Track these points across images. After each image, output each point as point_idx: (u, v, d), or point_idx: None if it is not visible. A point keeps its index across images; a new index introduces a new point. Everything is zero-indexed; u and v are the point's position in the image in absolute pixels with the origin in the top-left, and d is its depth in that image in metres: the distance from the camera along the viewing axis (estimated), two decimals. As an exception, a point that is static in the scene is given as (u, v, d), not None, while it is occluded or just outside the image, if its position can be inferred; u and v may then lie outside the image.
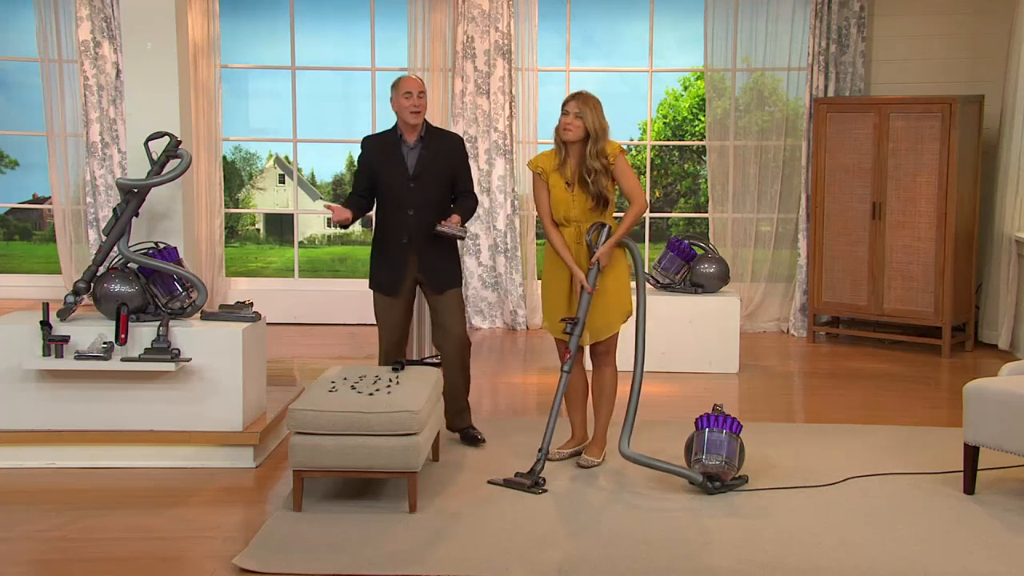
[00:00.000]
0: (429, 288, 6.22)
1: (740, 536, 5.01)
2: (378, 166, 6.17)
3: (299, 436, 5.25)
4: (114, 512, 5.27)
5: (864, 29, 9.54)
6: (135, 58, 6.42)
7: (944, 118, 8.68)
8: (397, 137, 6.17)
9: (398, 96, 6.09)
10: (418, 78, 6.20)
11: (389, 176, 6.14)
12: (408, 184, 6.11)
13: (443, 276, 6.22)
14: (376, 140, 6.29)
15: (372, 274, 6.31)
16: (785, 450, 6.26)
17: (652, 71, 10.47)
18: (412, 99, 6.06)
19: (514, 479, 5.62)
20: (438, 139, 6.24)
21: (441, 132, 6.34)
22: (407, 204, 6.11)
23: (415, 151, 6.14)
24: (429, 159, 6.14)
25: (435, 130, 6.27)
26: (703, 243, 8.51)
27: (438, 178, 6.17)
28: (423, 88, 6.11)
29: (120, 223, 6.05)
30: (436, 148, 6.18)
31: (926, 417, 7.14)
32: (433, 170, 6.14)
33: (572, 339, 5.84)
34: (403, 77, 6.17)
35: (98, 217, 10.06)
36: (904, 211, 8.94)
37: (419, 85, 6.09)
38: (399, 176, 6.12)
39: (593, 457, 6.00)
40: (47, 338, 5.83)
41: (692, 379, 8.09)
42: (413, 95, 6.05)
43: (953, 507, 5.40)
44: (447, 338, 6.23)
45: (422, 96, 6.07)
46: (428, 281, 6.20)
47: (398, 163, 6.12)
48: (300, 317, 10.11)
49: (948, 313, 8.84)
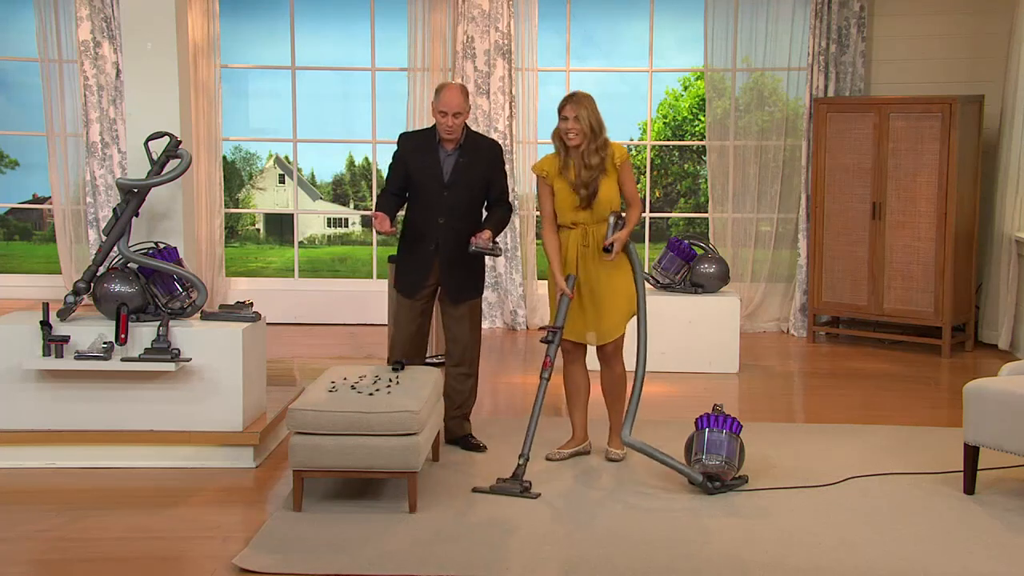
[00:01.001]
0: (446, 296, 6.14)
1: (740, 536, 5.00)
2: (413, 167, 6.03)
3: (299, 436, 5.24)
4: (114, 512, 5.26)
5: (864, 29, 9.54)
6: (135, 58, 6.41)
7: (944, 118, 8.68)
8: (436, 141, 6.01)
9: (436, 109, 5.91)
10: (459, 91, 5.92)
11: (423, 180, 6.01)
12: (442, 192, 5.99)
13: (463, 286, 6.14)
14: (413, 139, 6.16)
15: (396, 273, 6.27)
16: (785, 450, 6.26)
17: (652, 71, 10.47)
18: (447, 118, 5.87)
19: (499, 485, 5.56)
20: (476, 146, 6.08)
21: (480, 139, 6.17)
22: (438, 211, 6.00)
23: (452, 157, 6.00)
24: (465, 167, 6.00)
25: (474, 136, 6.11)
26: (703, 243, 8.51)
27: (472, 186, 6.04)
28: (461, 108, 5.88)
29: (120, 223, 6.04)
30: (473, 156, 6.03)
31: (926, 417, 7.13)
32: (468, 178, 6.01)
33: (551, 347, 5.85)
34: (445, 87, 5.95)
35: (98, 217, 10.05)
36: (904, 211, 8.94)
37: (456, 105, 5.86)
38: (433, 182, 5.99)
39: (618, 450, 6.04)
40: (47, 338, 5.82)
41: (692, 379, 8.09)
42: (448, 115, 5.86)
43: (953, 507, 5.39)
44: (455, 346, 6.20)
45: (458, 116, 5.87)
46: (447, 289, 6.12)
47: (434, 168, 5.99)
48: (300, 317, 10.11)
49: (948, 313, 8.84)
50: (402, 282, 6.19)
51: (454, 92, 5.91)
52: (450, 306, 6.16)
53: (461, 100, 5.90)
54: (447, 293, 6.13)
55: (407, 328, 6.19)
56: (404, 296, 6.17)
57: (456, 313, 6.16)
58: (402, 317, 6.21)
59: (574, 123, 5.77)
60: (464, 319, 6.17)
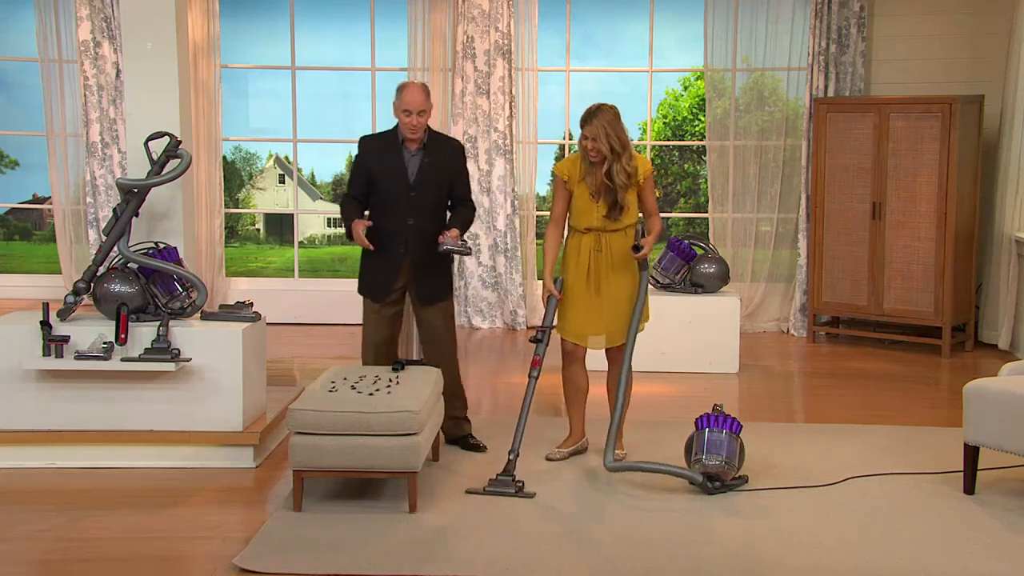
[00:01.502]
0: (416, 299, 6.09)
1: (740, 536, 5.00)
2: (377, 170, 5.98)
3: (299, 436, 5.24)
4: (114, 512, 5.26)
5: (864, 29, 9.54)
6: (135, 58, 6.41)
7: (944, 118, 8.67)
8: (399, 142, 5.97)
9: (398, 108, 5.88)
10: (421, 90, 5.89)
11: (388, 182, 5.95)
12: (409, 192, 5.94)
13: (432, 289, 6.09)
14: (376, 141, 6.09)
15: (362, 278, 6.17)
16: (785, 450, 6.25)
17: (652, 71, 10.46)
18: (411, 117, 5.84)
19: (493, 486, 5.53)
20: (440, 145, 6.05)
21: (442, 139, 6.14)
22: (406, 212, 5.94)
23: (417, 157, 5.96)
24: (430, 167, 5.96)
25: (436, 136, 6.08)
26: (703, 243, 8.52)
27: (438, 186, 6.01)
28: (424, 106, 5.85)
29: (120, 223, 6.04)
30: (437, 155, 6.00)
31: (926, 417, 7.13)
32: (434, 178, 5.98)
33: (540, 346, 5.86)
34: (406, 86, 5.93)
35: (98, 217, 10.05)
36: (904, 211, 8.93)
37: (419, 103, 5.83)
38: (399, 183, 5.94)
39: (620, 450, 6.03)
40: (47, 338, 5.82)
41: (692, 379, 8.09)
42: (412, 114, 5.83)
43: (953, 507, 5.39)
44: (431, 348, 6.15)
45: (422, 115, 5.84)
46: (416, 292, 6.07)
47: (398, 169, 5.95)
48: (300, 317, 10.10)
49: (948, 313, 8.83)
50: (370, 286, 6.11)
51: (416, 91, 5.87)
52: (422, 309, 6.10)
53: (423, 98, 5.86)
54: (418, 296, 6.07)
55: (379, 333, 6.13)
56: (372, 300, 6.09)
57: (428, 315, 6.10)
58: (371, 323, 6.13)
59: (592, 143, 5.77)
60: (438, 321, 6.12)
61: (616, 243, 5.90)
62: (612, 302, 5.93)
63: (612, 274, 5.91)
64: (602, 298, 5.93)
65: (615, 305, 5.93)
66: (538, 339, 5.87)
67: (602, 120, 5.72)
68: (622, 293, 5.94)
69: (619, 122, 5.78)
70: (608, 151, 5.74)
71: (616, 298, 5.93)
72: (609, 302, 5.93)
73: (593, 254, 5.91)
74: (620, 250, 5.91)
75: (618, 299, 5.93)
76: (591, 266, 5.92)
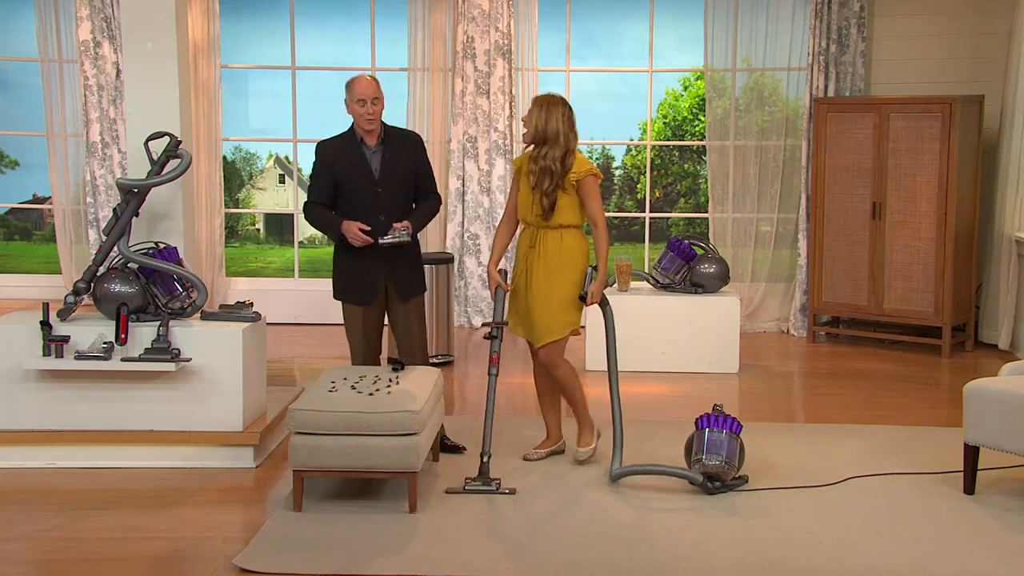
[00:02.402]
0: (397, 294, 6.01)
1: (740, 536, 5.00)
2: (340, 171, 5.87)
3: (299, 436, 5.24)
4: (114, 512, 5.27)
5: (864, 29, 9.53)
6: (135, 58, 6.42)
7: (944, 118, 8.66)
8: (357, 141, 5.90)
9: (351, 102, 5.80)
10: (372, 79, 5.83)
11: (353, 181, 5.86)
12: (375, 188, 5.85)
13: (411, 282, 6.05)
14: (334, 144, 5.97)
15: (340, 284, 6.03)
16: (785, 450, 6.25)
17: (652, 71, 10.46)
18: (366, 106, 5.77)
19: (472, 487, 5.49)
20: (398, 139, 5.98)
21: (400, 132, 6.07)
22: (376, 209, 5.84)
23: (378, 154, 5.88)
24: (393, 160, 5.89)
25: (394, 130, 6.00)
26: (703, 243, 8.50)
27: (403, 179, 5.93)
28: (377, 93, 5.79)
29: (120, 223, 6.04)
30: (398, 149, 5.93)
31: (926, 417, 7.13)
32: (398, 171, 5.90)
33: (495, 342, 5.78)
34: (355, 79, 5.83)
35: (98, 217, 10.04)
36: (904, 211, 8.92)
37: (372, 90, 5.77)
38: (365, 181, 5.86)
39: (585, 447, 5.98)
40: (47, 338, 5.82)
41: (692, 379, 8.08)
42: (367, 102, 5.76)
43: (953, 507, 5.39)
44: (407, 343, 6.08)
45: (376, 102, 5.78)
46: (397, 288, 5.99)
47: (362, 167, 5.86)
48: (300, 317, 10.09)
49: (948, 313, 8.82)
50: (354, 291, 5.99)
51: (366, 80, 5.83)
52: (400, 304, 6.03)
53: (375, 86, 5.81)
54: (397, 291, 5.99)
55: (370, 335, 6.06)
56: (360, 304, 5.99)
57: (408, 311, 6.05)
58: (359, 326, 6.03)
59: (525, 123, 5.78)
60: (413, 315, 6.07)
61: (550, 243, 5.80)
62: (536, 299, 5.82)
63: (543, 275, 5.82)
64: (528, 297, 5.85)
65: (538, 302, 5.81)
66: (492, 335, 5.80)
67: (539, 105, 5.73)
68: (550, 297, 5.81)
69: (558, 113, 5.70)
70: (535, 133, 5.70)
71: (541, 296, 5.81)
72: (533, 298, 5.83)
73: (527, 249, 5.86)
74: (554, 251, 5.81)
75: (543, 303, 5.81)
76: (526, 262, 5.87)
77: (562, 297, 5.82)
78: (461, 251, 9.98)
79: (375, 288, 5.95)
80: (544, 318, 5.82)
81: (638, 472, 5.65)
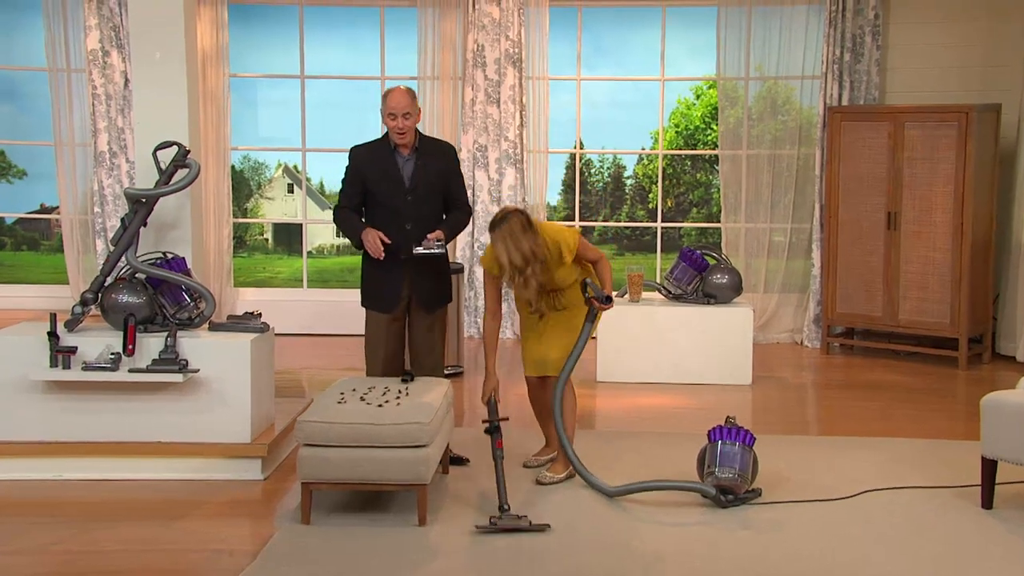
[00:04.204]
0: (420, 306, 6.02)
1: (754, 551, 4.97)
2: (371, 178, 5.92)
3: (308, 448, 5.23)
4: (120, 525, 5.26)
5: (879, 37, 9.48)
6: (143, 67, 6.43)
7: (960, 127, 8.61)
8: (391, 148, 5.93)
9: (384, 114, 5.86)
10: (405, 92, 5.86)
11: (384, 188, 5.90)
12: (406, 197, 5.88)
13: (437, 293, 6.07)
14: (367, 150, 6.02)
15: (365, 290, 6.09)
16: (799, 463, 6.21)
17: (664, 80, 10.44)
18: (397, 120, 5.81)
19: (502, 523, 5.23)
20: (432, 149, 6.02)
21: (434, 142, 6.12)
22: (405, 217, 5.88)
23: (410, 162, 5.91)
24: (424, 170, 5.92)
25: (428, 140, 6.06)
26: (715, 253, 8.47)
27: (434, 189, 5.95)
28: (408, 108, 5.82)
29: (128, 233, 6.04)
30: (430, 158, 5.96)
31: (942, 430, 7.08)
32: (429, 181, 5.92)
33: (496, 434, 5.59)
34: (391, 92, 5.88)
35: (106, 227, 10.03)
36: (920, 221, 8.87)
37: (404, 105, 5.81)
38: (395, 188, 5.89)
39: (554, 475, 5.90)
40: (54, 349, 5.82)
41: (704, 391, 8.05)
42: (398, 116, 5.80)
43: (971, 522, 5.35)
44: (427, 358, 6.09)
45: (407, 117, 5.81)
46: (421, 298, 6.00)
47: (394, 174, 5.89)
48: (309, 328, 10.05)
49: (965, 324, 8.76)
50: (377, 298, 6.02)
51: (400, 93, 5.85)
52: (424, 315, 6.04)
53: (408, 100, 5.83)
54: (421, 302, 6.00)
55: (390, 345, 6.07)
56: (383, 312, 6.01)
57: (428, 322, 6.06)
58: (381, 335, 6.04)
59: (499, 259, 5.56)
60: (435, 328, 6.09)
61: (562, 299, 5.84)
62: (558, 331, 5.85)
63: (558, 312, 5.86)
64: (546, 323, 5.87)
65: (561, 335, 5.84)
66: (494, 429, 5.61)
67: (503, 234, 5.51)
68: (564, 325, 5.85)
69: (525, 232, 5.50)
70: (509, 267, 5.52)
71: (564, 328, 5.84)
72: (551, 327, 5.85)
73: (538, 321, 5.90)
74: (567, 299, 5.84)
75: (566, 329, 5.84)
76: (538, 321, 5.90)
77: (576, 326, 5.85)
78: (471, 261, 9.94)
79: (397, 297, 5.97)
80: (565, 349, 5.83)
81: (642, 489, 5.62)
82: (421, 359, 6.10)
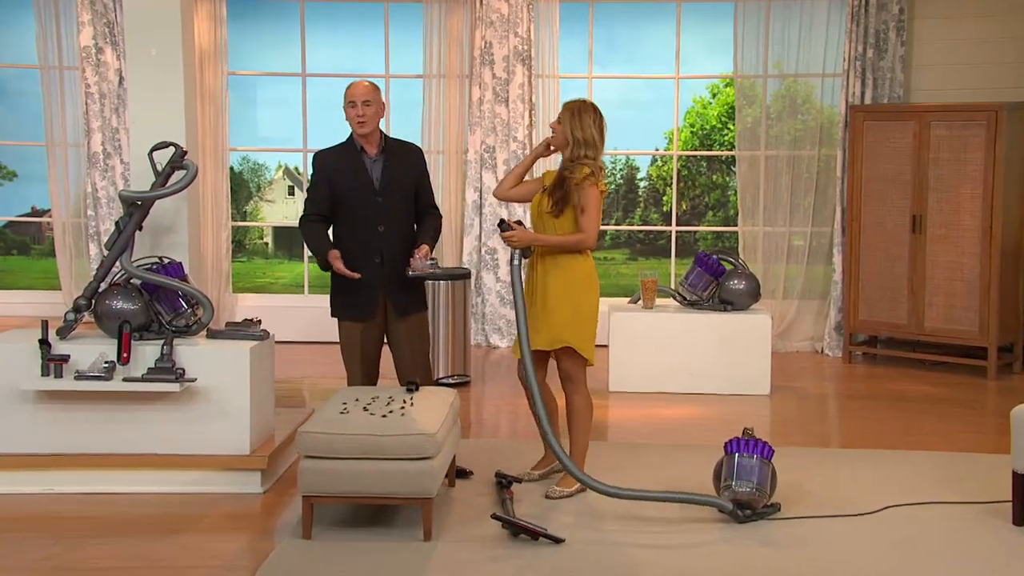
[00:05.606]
0: (395, 311, 5.97)
1: (773, 567, 4.88)
2: (339, 180, 5.90)
3: (309, 460, 5.16)
4: (115, 540, 5.20)
5: (903, 33, 9.46)
6: (139, 65, 6.42)
7: (989, 126, 8.58)
8: (357, 149, 5.93)
9: (345, 106, 5.87)
10: (366, 84, 5.90)
11: (353, 191, 5.88)
12: (376, 198, 5.87)
13: (411, 297, 6.02)
14: (333, 154, 6.00)
15: (338, 300, 6.03)
16: (819, 477, 6.13)
17: (679, 77, 10.45)
18: (356, 108, 5.82)
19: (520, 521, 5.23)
20: (399, 150, 6.02)
21: (401, 143, 6.10)
22: (377, 219, 5.87)
23: (378, 163, 5.91)
24: (393, 170, 5.92)
25: (395, 141, 6.05)
26: (732, 258, 8.44)
27: (404, 190, 5.95)
28: (368, 96, 5.82)
29: (123, 237, 6.01)
30: (398, 159, 5.96)
31: (971, 443, 7.00)
32: (399, 182, 5.93)
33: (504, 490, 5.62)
34: (350, 84, 5.92)
35: (99, 231, 10.03)
36: (946, 224, 8.84)
37: (364, 93, 5.83)
38: (365, 190, 5.88)
39: (564, 488, 5.80)
40: (46, 357, 5.75)
41: (721, 401, 8.00)
42: (357, 104, 5.81)
43: (1002, 539, 5.21)
44: (404, 363, 6.03)
45: (367, 105, 5.81)
46: (395, 303, 5.96)
47: (363, 176, 5.88)
48: (310, 335, 10.02)
49: (994, 332, 8.71)
50: (353, 306, 5.96)
51: (359, 83, 5.90)
52: (399, 321, 5.99)
53: (368, 88, 5.86)
54: (395, 307, 5.97)
55: (370, 353, 6.03)
56: (362, 319, 5.95)
57: (406, 327, 6.01)
58: (356, 345, 5.99)
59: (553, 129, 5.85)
60: (414, 333, 6.05)
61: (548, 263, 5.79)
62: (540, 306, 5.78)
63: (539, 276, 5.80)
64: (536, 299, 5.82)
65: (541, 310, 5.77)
66: (505, 228, 5.70)
67: (575, 107, 5.79)
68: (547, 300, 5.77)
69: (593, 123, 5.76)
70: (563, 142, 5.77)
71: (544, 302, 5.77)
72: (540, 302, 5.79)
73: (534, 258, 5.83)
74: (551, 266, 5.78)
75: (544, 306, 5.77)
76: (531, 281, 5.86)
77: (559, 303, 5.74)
78: (478, 266, 9.94)
79: (374, 303, 5.93)
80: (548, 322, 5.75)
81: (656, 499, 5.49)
82: (400, 366, 6.06)
